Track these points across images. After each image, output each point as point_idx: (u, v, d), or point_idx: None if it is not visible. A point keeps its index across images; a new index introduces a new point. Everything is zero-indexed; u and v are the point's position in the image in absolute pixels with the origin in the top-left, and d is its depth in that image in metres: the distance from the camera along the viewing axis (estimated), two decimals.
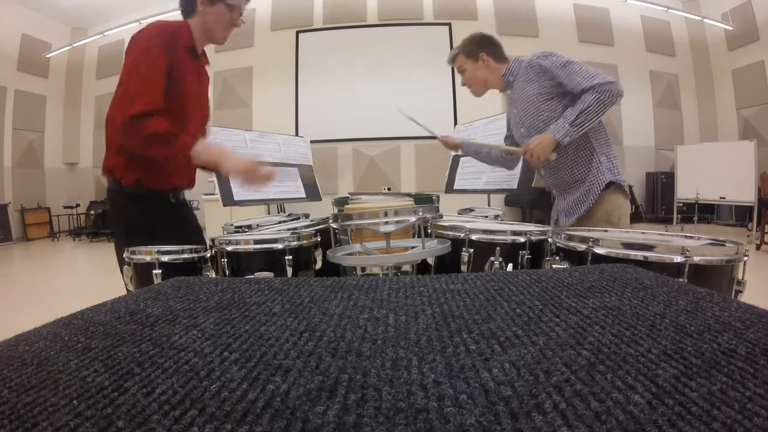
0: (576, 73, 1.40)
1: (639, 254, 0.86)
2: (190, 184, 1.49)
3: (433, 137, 1.96)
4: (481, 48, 1.62)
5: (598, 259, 0.90)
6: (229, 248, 1.18)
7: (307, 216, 2.13)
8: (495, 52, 1.63)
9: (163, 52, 1.21)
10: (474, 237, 1.13)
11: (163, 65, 1.21)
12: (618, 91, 1.35)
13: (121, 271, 1.31)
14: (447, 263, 1.18)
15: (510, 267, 1.09)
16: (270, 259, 1.18)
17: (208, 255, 1.21)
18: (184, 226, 1.44)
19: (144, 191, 1.31)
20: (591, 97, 1.36)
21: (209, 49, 1.49)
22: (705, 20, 7.19)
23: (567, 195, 1.60)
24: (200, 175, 1.52)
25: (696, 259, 0.82)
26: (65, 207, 8.04)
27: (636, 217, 7.34)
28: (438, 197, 2.90)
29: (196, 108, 1.39)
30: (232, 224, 1.82)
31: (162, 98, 1.19)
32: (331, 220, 1.20)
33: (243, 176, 1.23)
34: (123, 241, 1.32)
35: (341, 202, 2.43)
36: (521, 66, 1.57)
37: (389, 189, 4.05)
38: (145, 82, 1.17)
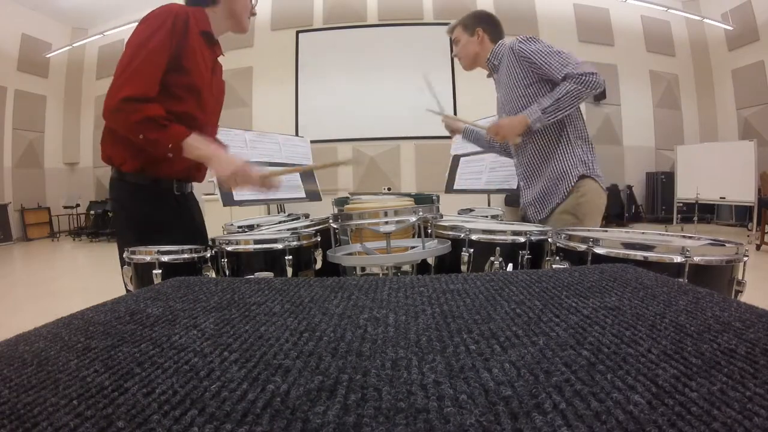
0: (557, 61, 1.39)
1: (639, 254, 0.86)
2: (198, 176, 1.42)
3: (440, 114, 1.92)
4: (479, 23, 1.61)
5: (598, 259, 0.90)
6: (229, 248, 1.18)
7: (307, 216, 2.13)
8: (492, 31, 1.61)
9: (169, 36, 1.16)
10: (474, 237, 1.13)
11: (166, 50, 1.16)
12: (596, 83, 1.34)
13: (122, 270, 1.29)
14: (447, 263, 1.18)
15: (510, 267, 1.09)
16: (270, 259, 1.18)
17: (208, 255, 1.21)
18: (188, 222, 1.40)
19: (147, 180, 1.26)
20: (568, 85, 1.36)
21: None
22: (705, 20, 7.20)
23: (533, 184, 1.57)
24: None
25: (696, 259, 0.82)
26: (65, 207, 8.05)
27: (636, 217, 7.35)
28: (438, 197, 2.90)
29: (209, 96, 1.35)
30: (232, 224, 1.82)
31: (156, 86, 1.15)
32: (331, 220, 1.20)
33: (230, 180, 1.17)
34: (127, 235, 1.28)
35: (341, 202, 2.43)
36: (504, 50, 1.55)
37: (389, 189, 4.05)
38: (144, 65, 1.13)
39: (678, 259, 0.82)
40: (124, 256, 1.15)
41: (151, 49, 1.14)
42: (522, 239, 1.10)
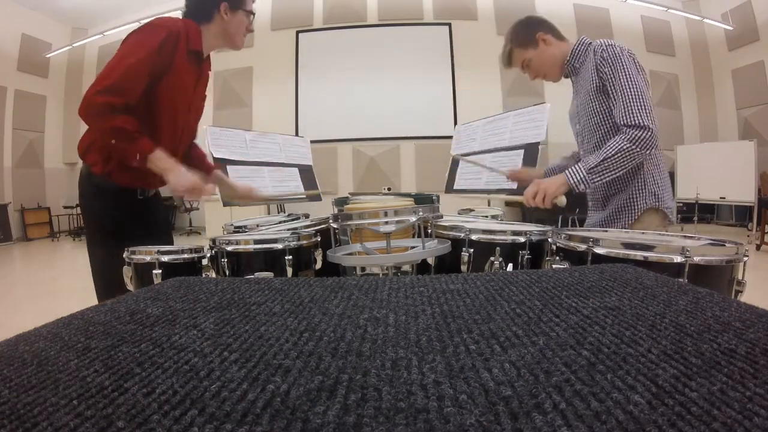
0: (623, 98, 1.23)
1: (639, 254, 0.86)
2: (159, 183, 1.46)
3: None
4: (534, 30, 1.44)
5: (598, 259, 0.90)
6: (229, 248, 1.18)
7: (307, 216, 2.13)
8: (551, 29, 1.46)
9: (156, 50, 1.20)
10: (474, 237, 1.13)
11: (149, 63, 1.19)
12: (650, 143, 1.19)
13: (91, 264, 1.36)
14: (447, 263, 1.18)
15: (510, 267, 1.09)
16: (270, 259, 1.18)
17: (208, 255, 1.21)
18: (149, 221, 1.43)
19: (112, 185, 1.30)
20: (621, 143, 1.20)
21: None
22: (705, 20, 7.19)
23: (601, 209, 1.45)
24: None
25: (696, 259, 0.82)
26: (65, 207, 8.04)
27: None
28: (438, 197, 2.90)
29: (185, 110, 1.40)
30: (231, 224, 1.82)
31: (137, 95, 1.20)
32: (331, 220, 1.20)
33: (183, 194, 1.29)
34: (92, 232, 1.37)
35: (341, 202, 2.43)
36: (589, 50, 1.37)
37: (389, 189, 4.04)
38: (126, 73, 1.17)
39: (678, 259, 0.82)
40: (124, 255, 1.16)
41: (137, 58, 1.18)
42: (522, 239, 1.10)
